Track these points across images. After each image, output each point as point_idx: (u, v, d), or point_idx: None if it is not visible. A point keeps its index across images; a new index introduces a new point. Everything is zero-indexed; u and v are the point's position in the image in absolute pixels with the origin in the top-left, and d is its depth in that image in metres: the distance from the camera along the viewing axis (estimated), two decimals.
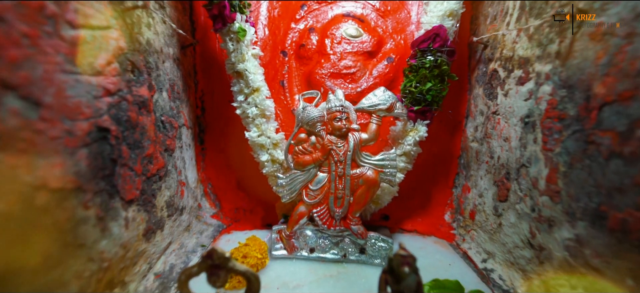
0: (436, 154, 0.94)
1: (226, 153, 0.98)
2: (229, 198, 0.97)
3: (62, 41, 0.38)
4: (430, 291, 0.57)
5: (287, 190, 0.75)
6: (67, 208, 0.39)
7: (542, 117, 0.56)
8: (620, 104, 0.41)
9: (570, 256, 0.49)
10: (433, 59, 0.74)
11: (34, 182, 0.34)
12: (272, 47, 0.98)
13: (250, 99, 0.77)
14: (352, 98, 0.87)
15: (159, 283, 0.63)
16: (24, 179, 0.33)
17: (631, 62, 0.40)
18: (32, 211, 0.34)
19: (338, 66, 0.93)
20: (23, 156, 0.33)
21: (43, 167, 0.35)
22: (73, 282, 0.40)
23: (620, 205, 0.41)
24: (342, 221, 0.75)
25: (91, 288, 0.44)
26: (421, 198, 0.94)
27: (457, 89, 0.90)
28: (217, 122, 0.97)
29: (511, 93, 0.67)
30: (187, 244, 0.78)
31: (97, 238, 0.45)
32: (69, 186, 0.39)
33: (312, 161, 0.74)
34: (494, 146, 0.73)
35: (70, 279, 0.40)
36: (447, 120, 0.92)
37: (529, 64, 0.61)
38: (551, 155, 0.54)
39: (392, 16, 0.97)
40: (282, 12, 1.00)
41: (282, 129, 0.85)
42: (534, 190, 0.58)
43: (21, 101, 0.33)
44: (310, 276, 0.69)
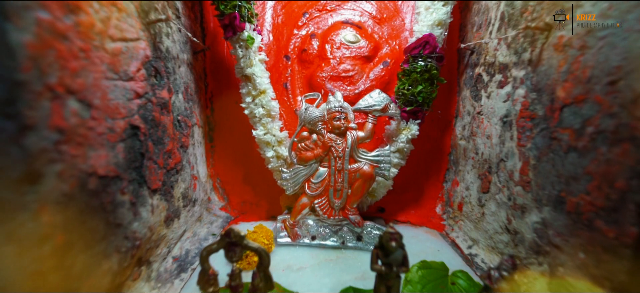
0: (428, 151, 1.01)
1: (233, 150, 1.05)
2: (236, 192, 1.05)
3: (106, 52, 0.46)
4: (418, 270, 0.64)
5: (291, 183, 0.83)
6: (110, 193, 0.47)
7: (517, 117, 0.64)
8: (576, 106, 0.49)
9: (538, 237, 0.56)
10: (423, 64, 0.81)
11: (87, 169, 0.42)
12: (276, 52, 1.05)
13: (257, 101, 0.84)
14: (350, 99, 0.94)
15: (177, 265, 0.70)
16: (81, 167, 0.40)
17: (583, 71, 0.47)
18: (85, 194, 0.41)
19: (337, 69, 1.00)
20: (80, 148, 0.40)
21: (93, 157, 0.43)
22: (114, 256, 0.48)
23: (575, 191, 0.48)
24: (340, 212, 0.83)
25: (126, 263, 0.51)
26: (414, 192, 1.02)
27: (447, 91, 0.98)
28: (225, 121, 1.04)
29: (493, 95, 0.74)
30: (199, 233, 0.85)
31: (130, 220, 0.52)
32: (111, 174, 0.47)
33: (314, 157, 0.81)
34: (478, 143, 0.81)
35: (112, 253, 0.47)
36: (438, 120, 1.00)
37: (507, 70, 0.69)
38: (524, 150, 0.61)
39: (387, 23, 1.04)
40: (286, 19, 1.07)
41: (285, 128, 0.93)
42: (510, 181, 0.65)
43: (78, 103, 0.40)
44: (312, 260, 0.76)
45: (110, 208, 0.47)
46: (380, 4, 1.05)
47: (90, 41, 0.42)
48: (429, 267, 0.65)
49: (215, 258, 0.51)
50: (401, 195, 1.00)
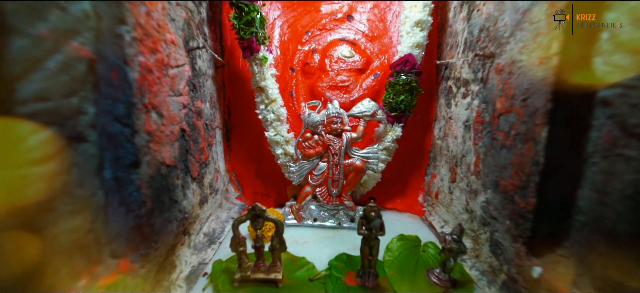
0: (412, 149, 1.20)
1: (247, 148, 1.24)
2: (249, 184, 1.24)
3: (168, 77, 0.65)
4: (396, 242, 0.83)
5: (296, 175, 1.02)
6: (171, 177, 0.65)
7: (474, 121, 0.83)
8: (506, 115, 0.68)
9: (484, 213, 0.75)
10: (405, 78, 1.00)
11: (160, 160, 0.60)
12: (283, 65, 1.24)
13: (269, 108, 1.03)
14: (346, 105, 1.13)
15: (207, 239, 0.89)
16: (157, 158, 0.59)
17: (510, 90, 0.66)
18: (159, 177, 0.60)
19: (335, 80, 1.19)
20: (157, 145, 0.59)
21: (163, 152, 0.62)
22: (173, 222, 0.67)
23: (504, 177, 0.67)
24: (337, 198, 1.02)
25: (179, 230, 0.70)
26: (400, 184, 1.21)
27: (428, 99, 1.17)
28: (239, 124, 1.23)
29: (459, 104, 0.93)
30: (221, 216, 1.04)
31: (181, 199, 0.71)
32: (172, 164, 0.66)
33: (315, 154, 1.00)
34: (449, 143, 1.00)
35: (173, 220, 0.66)
36: (420, 123, 1.18)
37: (468, 84, 0.88)
38: (477, 148, 0.80)
39: (378, 40, 1.23)
40: (291, 37, 1.26)
41: (291, 129, 1.11)
42: (468, 172, 0.84)
43: (156, 114, 0.59)
44: (314, 237, 0.95)
45: (171, 188, 0.66)
46: (372, 24, 1.24)
47: (162, 70, 0.61)
48: (405, 239, 0.84)
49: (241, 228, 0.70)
50: (389, 186, 1.19)
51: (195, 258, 0.79)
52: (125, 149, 0.50)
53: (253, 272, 0.70)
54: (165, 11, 0.65)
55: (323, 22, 1.26)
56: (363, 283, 0.70)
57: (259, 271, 0.70)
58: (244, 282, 0.69)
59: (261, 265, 0.72)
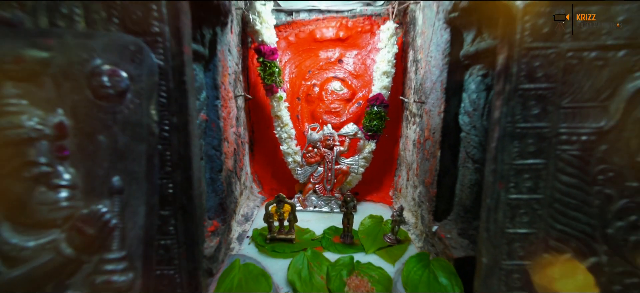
0: (385, 158, 1.67)
1: (265, 157, 1.71)
2: (267, 183, 1.71)
3: (229, 118, 1.12)
4: (367, 219, 1.29)
5: (302, 175, 1.49)
6: (231, 178, 1.12)
7: (416, 141, 1.30)
8: (427, 140, 1.15)
9: (418, 199, 1.22)
10: (376, 109, 1.47)
11: (228, 168, 1.07)
12: (291, 95, 1.71)
13: (283, 130, 1.50)
14: (336, 126, 1.59)
15: (243, 218, 1.36)
16: (227, 167, 1.06)
17: (428, 126, 1.13)
18: (227, 178, 1.07)
19: (329, 107, 1.66)
20: (227, 159, 1.06)
21: (229, 163, 1.09)
22: (232, 204, 1.14)
23: (426, 177, 1.14)
24: (330, 192, 1.49)
25: (234, 209, 1.17)
26: (376, 183, 1.68)
27: (396, 121, 1.64)
28: (260, 139, 1.70)
29: (410, 128, 1.40)
30: (249, 204, 1.51)
31: (235, 190, 1.18)
32: (231, 170, 1.13)
33: (315, 161, 1.47)
34: (407, 154, 1.47)
35: (232, 203, 1.13)
36: (390, 139, 1.65)
37: (415, 117, 1.35)
38: (417, 158, 1.27)
39: (360, 78, 1.70)
40: (297, 74, 1.73)
41: (298, 144, 1.58)
42: (413, 175, 1.31)
43: (227, 142, 1.06)
44: (314, 217, 1.42)
45: (231, 184, 1.13)
46: (356, 66, 1.71)
47: (229, 116, 1.08)
48: (373, 217, 1.31)
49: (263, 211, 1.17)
50: (368, 184, 1.66)
51: (239, 228, 1.26)
52: (216, 163, 0.97)
53: (277, 234, 1.17)
54: (227, 76, 1.12)
55: (321, 64, 1.73)
56: (344, 241, 1.17)
57: (281, 234, 1.17)
58: (271, 240, 1.16)
59: (282, 230, 1.19)
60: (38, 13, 0.60)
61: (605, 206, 0.66)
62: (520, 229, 0.69)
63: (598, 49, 0.62)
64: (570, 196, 0.66)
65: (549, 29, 0.61)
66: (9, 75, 0.57)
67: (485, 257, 0.71)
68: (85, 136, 0.59)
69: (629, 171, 0.65)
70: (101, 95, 0.59)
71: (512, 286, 0.71)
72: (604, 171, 0.65)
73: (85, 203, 0.59)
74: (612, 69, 0.62)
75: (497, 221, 0.69)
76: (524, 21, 0.61)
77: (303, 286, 0.88)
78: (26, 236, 0.57)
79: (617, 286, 0.70)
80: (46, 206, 0.57)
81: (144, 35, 0.61)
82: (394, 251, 1.10)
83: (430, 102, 1.13)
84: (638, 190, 0.66)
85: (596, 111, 0.63)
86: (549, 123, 0.64)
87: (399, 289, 0.86)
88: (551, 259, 0.69)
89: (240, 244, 1.16)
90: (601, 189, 0.66)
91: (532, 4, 0.60)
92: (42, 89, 0.58)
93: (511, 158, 0.66)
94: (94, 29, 0.61)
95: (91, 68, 0.58)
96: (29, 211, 0.57)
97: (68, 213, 0.58)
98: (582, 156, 0.65)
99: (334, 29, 1.68)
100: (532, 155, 0.65)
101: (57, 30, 0.60)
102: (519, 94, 0.64)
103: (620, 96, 0.63)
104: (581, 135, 0.64)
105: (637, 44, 0.61)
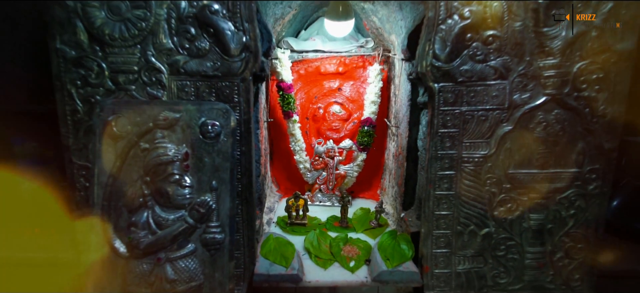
0: (374, 166, 2.16)
1: (281, 163, 2.19)
2: (283, 184, 2.20)
3: (261, 134, 1.60)
4: (359, 211, 1.77)
5: (311, 178, 1.98)
6: (263, 179, 1.61)
7: (394, 154, 1.78)
8: (400, 154, 1.63)
9: (395, 196, 1.70)
10: (367, 129, 1.95)
11: (261, 172, 1.56)
12: (302, 115, 2.19)
13: (296, 144, 1.99)
14: (336, 140, 2.07)
15: (268, 209, 1.84)
16: (262, 172, 1.54)
17: (401, 145, 1.61)
18: (263, 179, 1.55)
19: (331, 125, 2.14)
20: (261, 167, 1.54)
21: (262, 169, 1.57)
22: (264, 198, 1.62)
23: (398, 179, 1.62)
24: (332, 190, 1.97)
25: (263, 201, 1.66)
26: (367, 184, 2.17)
27: (382, 137, 2.11)
28: (278, 150, 2.19)
29: (391, 144, 1.88)
30: (271, 200, 2.00)
31: (265, 188, 1.67)
32: (264, 174, 1.61)
33: (320, 168, 1.96)
34: (389, 163, 1.95)
35: (264, 196, 1.62)
36: (377, 152, 2.13)
37: (394, 135, 1.83)
38: (395, 166, 1.75)
39: (355, 103, 2.18)
40: (306, 99, 2.21)
41: (308, 154, 2.07)
42: (392, 178, 1.79)
43: (266, 157, 1.54)
44: (320, 209, 1.90)
45: (263, 183, 1.61)
46: (352, 93, 2.19)
47: (262, 137, 1.57)
48: (363, 209, 1.79)
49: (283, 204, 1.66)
50: (360, 185, 2.15)
51: (265, 217, 1.74)
52: (257, 171, 1.46)
53: (294, 219, 1.65)
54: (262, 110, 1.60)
55: (324, 91, 2.22)
56: (341, 225, 1.65)
57: (297, 219, 1.66)
58: (291, 224, 1.65)
59: (298, 217, 1.67)
60: (171, 90, 1.09)
61: (491, 198, 1.15)
62: (442, 212, 1.17)
63: (482, 110, 1.10)
64: (470, 193, 1.14)
65: (453, 99, 1.09)
66: (159, 126, 1.06)
67: (424, 228, 1.19)
68: (198, 159, 1.08)
69: (503, 178, 1.13)
70: (206, 136, 1.07)
71: (439, 246, 1.19)
72: (489, 178, 1.13)
73: (198, 196, 1.07)
74: (491, 121, 1.10)
75: (429, 208, 1.17)
76: (439, 95, 1.09)
77: (314, 250, 1.36)
78: (168, 213, 1.06)
79: (502, 246, 1.17)
80: (179, 197, 1.05)
81: (229, 103, 1.09)
82: (375, 232, 1.58)
83: (401, 128, 1.61)
84: (510, 189, 1.14)
85: (482, 144, 1.12)
86: (456, 151, 1.12)
87: (375, 251, 1.34)
88: (461, 229, 1.17)
89: (269, 226, 1.64)
90: (488, 188, 1.14)
91: (443, 86, 1.08)
92: (175, 133, 1.07)
93: (436, 171, 1.14)
94: (202, 100, 1.09)
95: (201, 122, 1.07)
96: (170, 200, 1.05)
97: (190, 201, 1.07)
98: (475, 169, 1.13)
99: (335, 65, 2.16)
100: (447, 169, 1.14)
101: (182, 101, 1.09)
102: (439, 134, 1.12)
103: (495, 136, 1.11)
104: (475, 158, 1.12)
105: (503, 108, 1.09)
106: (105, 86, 1.07)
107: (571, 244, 1.17)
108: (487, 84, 1.08)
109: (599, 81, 1.06)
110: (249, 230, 1.19)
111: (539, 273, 1.19)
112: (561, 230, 1.16)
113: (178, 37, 1.05)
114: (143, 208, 1.05)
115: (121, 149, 1.05)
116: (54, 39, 1.03)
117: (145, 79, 1.07)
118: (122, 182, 1.05)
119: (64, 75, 1.06)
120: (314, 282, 1.22)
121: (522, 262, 1.18)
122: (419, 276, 1.21)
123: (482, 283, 1.20)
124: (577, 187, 1.13)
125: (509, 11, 1.01)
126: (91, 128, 1.07)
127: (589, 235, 1.16)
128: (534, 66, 1.05)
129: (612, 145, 1.10)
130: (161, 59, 1.06)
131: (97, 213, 1.05)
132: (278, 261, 1.27)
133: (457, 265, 1.19)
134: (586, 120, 1.08)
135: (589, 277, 1.19)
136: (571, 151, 1.11)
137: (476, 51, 1.05)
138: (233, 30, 1.04)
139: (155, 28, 1.03)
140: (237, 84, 1.09)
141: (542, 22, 1.01)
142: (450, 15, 1.02)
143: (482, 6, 1.01)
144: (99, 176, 1.06)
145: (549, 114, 1.08)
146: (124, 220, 1.05)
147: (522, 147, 1.11)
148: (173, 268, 1.04)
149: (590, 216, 1.15)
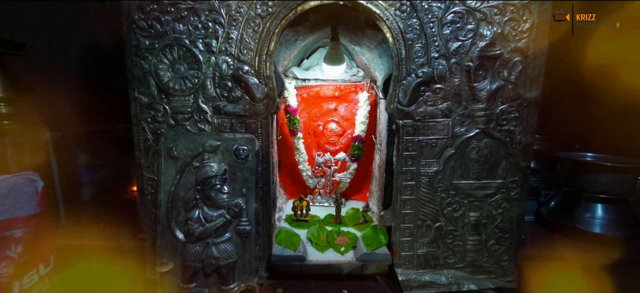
0: (364, 174, 2.60)
1: (287, 171, 2.64)
2: (288, 188, 2.65)
3: (274, 150, 2.06)
4: (350, 210, 2.21)
5: (312, 184, 2.43)
6: (275, 185, 2.06)
7: (379, 164, 2.22)
8: (382, 166, 2.07)
9: (377, 199, 2.15)
10: (357, 144, 2.40)
11: (274, 181, 2.01)
12: (304, 131, 2.64)
13: (300, 156, 2.44)
14: (333, 152, 2.52)
15: (279, 209, 2.29)
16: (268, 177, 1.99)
17: (383, 158, 2.06)
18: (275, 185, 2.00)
19: (328, 140, 2.59)
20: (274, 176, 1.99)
21: (274, 177, 2.02)
22: (277, 198, 2.07)
23: (381, 186, 2.07)
24: (329, 194, 2.42)
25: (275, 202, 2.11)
26: (357, 189, 2.61)
27: (371, 150, 2.56)
28: (285, 161, 2.64)
29: (377, 157, 2.33)
30: (280, 201, 2.45)
31: (277, 190, 2.12)
32: (275, 182, 2.06)
33: (320, 175, 2.41)
34: (376, 172, 2.40)
35: (275, 199, 2.07)
36: (366, 162, 2.58)
37: (379, 150, 2.27)
38: (379, 175, 2.20)
39: (349, 121, 2.63)
40: (308, 118, 2.66)
41: (309, 164, 2.51)
42: (377, 183, 2.24)
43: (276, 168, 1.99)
44: (319, 209, 2.35)
45: (275, 191, 2.06)
46: (346, 112, 2.64)
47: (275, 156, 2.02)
48: (354, 209, 2.24)
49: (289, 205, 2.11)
50: (353, 189, 2.60)
51: (276, 214, 2.19)
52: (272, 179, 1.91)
53: (299, 217, 2.10)
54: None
55: (323, 111, 2.67)
56: (336, 221, 2.10)
57: (301, 217, 2.11)
58: (297, 220, 2.10)
59: (302, 215, 2.12)
60: (214, 125, 1.54)
61: (441, 201, 1.59)
62: (407, 211, 1.61)
63: (433, 139, 1.54)
64: (426, 197, 1.59)
65: (413, 131, 1.53)
66: (206, 150, 1.51)
67: (394, 223, 1.64)
68: (232, 174, 1.53)
69: (450, 186, 1.57)
70: (238, 157, 1.52)
71: (405, 235, 1.63)
72: (440, 187, 1.58)
73: (233, 199, 1.52)
74: (439, 146, 1.54)
75: (397, 208, 1.61)
76: (402, 129, 1.54)
77: (315, 239, 1.82)
78: (213, 211, 1.51)
79: (449, 236, 1.62)
80: (220, 200, 1.51)
81: (254, 134, 1.55)
82: (362, 226, 2.03)
83: (382, 145, 2.06)
84: (454, 194, 1.58)
85: (434, 163, 1.56)
86: (415, 167, 1.57)
87: (360, 240, 1.78)
88: (420, 223, 1.62)
89: (280, 222, 2.09)
90: (439, 194, 1.59)
91: (405, 122, 1.52)
92: (217, 156, 1.52)
93: (402, 182, 1.59)
94: (236, 132, 1.54)
95: (235, 148, 1.52)
96: (214, 202, 1.50)
97: (227, 203, 1.52)
98: (430, 181, 1.58)
99: (332, 90, 2.61)
100: (410, 180, 1.58)
101: (222, 133, 1.54)
102: (403, 156, 1.56)
103: (443, 157, 1.55)
104: (429, 172, 1.57)
105: (448, 137, 1.53)
106: (168, 122, 1.52)
107: (500, 234, 1.61)
108: (436, 121, 1.52)
109: (515, 118, 1.50)
110: (268, 224, 1.64)
111: (477, 256, 1.63)
112: (492, 224, 1.60)
113: (219, 89, 1.50)
114: (195, 208, 1.50)
115: (179, 167, 1.50)
116: (133, 90, 1.49)
117: (196, 117, 1.52)
118: (180, 190, 1.50)
119: (139, 115, 1.51)
120: (314, 261, 1.68)
121: (464, 247, 1.62)
122: (391, 257, 1.66)
123: (436, 262, 1.64)
124: (502, 193, 1.57)
125: (450, 71, 1.46)
126: (158, 151, 1.52)
127: (512, 228, 1.61)
128: (469, 109, 1.50)
129: (526, 163, 1.54)
130: (207, 104, 1.51)
131: (163, 212, 1.50)
132: (288, 246, 1.72)
133: (418, 249, 1.64)
134: (507, 146, 1.53)
135: (514, 258, 1.63)
136: (497, 167, 1.55)
137: (428, 98, 1.49)
138: (257, 83, 1.49)
139: (204, 83, 1.49)
140: (260, 121, 1.54)
141: (473, 79, 1.45)
142: (409, 74, 1.47)
143: (431, 68, 1.46)
144: (163, 185, 1.51)
145: (480, 142, 1.52)
146: (182, 216, 1.50)
147: (462, 165, 1.55)
148: (217, 250, 1.49)
149: (513, 214, 1.60)
